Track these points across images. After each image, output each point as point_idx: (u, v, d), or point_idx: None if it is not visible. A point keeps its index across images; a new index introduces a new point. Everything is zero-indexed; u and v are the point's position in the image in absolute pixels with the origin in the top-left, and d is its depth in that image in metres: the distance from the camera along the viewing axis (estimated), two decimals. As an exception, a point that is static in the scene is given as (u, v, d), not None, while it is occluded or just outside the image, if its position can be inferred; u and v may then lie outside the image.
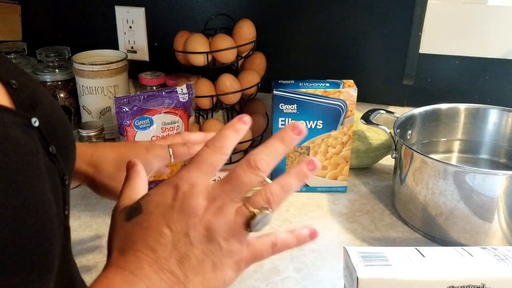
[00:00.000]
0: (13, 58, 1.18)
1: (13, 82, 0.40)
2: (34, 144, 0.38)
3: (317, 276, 0.71)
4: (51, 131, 0.42)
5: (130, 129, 0.86)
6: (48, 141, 0.41)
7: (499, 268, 0.55)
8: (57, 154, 0.42)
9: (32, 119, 0.39)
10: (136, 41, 1.20)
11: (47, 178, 0.39)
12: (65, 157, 0.45)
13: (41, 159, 0.39)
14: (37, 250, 0.36)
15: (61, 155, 0.43)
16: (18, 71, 0.44)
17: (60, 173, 0.43)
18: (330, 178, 0.91)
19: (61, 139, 0.44)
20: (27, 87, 0.41)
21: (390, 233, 0.80)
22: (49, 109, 0.43)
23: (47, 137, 0.41)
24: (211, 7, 1.12)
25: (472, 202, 0.72)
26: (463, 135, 0.91)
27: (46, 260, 0.37)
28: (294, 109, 0.86)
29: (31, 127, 0.39)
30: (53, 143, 0.42)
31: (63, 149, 0.44)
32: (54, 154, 0.42)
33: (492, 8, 0.97)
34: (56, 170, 0.42)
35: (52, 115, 0.44)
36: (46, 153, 0.41)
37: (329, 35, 1.08)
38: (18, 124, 0.37)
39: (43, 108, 0.42)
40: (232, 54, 0.95)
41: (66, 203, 0.45)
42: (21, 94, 0.40)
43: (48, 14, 1.27)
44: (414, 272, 0.55)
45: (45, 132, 0.41)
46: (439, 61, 1.04)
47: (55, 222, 0.39)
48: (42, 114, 0.41)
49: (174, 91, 0.90)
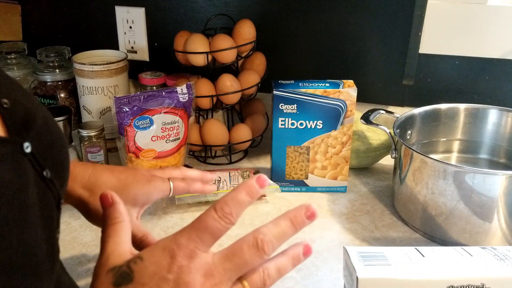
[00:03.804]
0: (13, 58, 1.18)
1: (5, 102, 0.36)
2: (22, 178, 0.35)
3: (317, 276, 0.71)
4: (45, 152, 0.39)
5: (130, 129, 0.86)
6: (42, 165, 0.38)
7: (498, 268, 0.56)
8: (52, 177, 0.39)
9: (24, 145, 0.35)
10: (136, 41, 1.20)
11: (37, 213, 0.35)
12: (61, 176, 0.42)
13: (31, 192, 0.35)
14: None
15: (57, 176, 0.40)
16: (10, 86, 0.40)
17: (56, 198, 0.40)
18: (330, 178, 0.91)
19: (56, 156, 0.41)
20: (20, 104, 0.38)
21: (390, 233, 0.80)
22: (43, 127, 0.40)
23: (41, 160, 0.37)
24: (211, 7, 1.12)
25: (472, 202, 0.72)
26: (462, 135, 0.91)
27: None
28: (294, 109, 0.86)
29: (23, 154, 0.35)
30: (48, 166, 0.38)
31: (59, 167, 0.41)
32: (49, 178, 0.39)
33: (492, 8, 0.97)
34: (52, 195, 0.39)
35: (46, 133, 0.40)
36: (41, 178, 0.37)
37: (329, 35, 1.08)
38: (6, 156, 0.34)
39: (37, 127, 0.39)
40: (232, 54, 0.95)
41: (58, 226, 0.42)
42: (14, 115, 0.36)
43: (48, 14, 1.27)
44: (414, 272, 0.55)
45: (38, 156, 0.37)
46: (439, 61, 1.04)
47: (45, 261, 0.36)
48: (36, 135, 0.38)
49: (174, 91, 0.90)
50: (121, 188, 0.61)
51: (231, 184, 0.87)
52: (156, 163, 0.89)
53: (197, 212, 0.86)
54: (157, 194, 0.64)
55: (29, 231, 0.34)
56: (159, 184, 0.64)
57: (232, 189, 0.44)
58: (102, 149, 0.93)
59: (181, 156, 0.93)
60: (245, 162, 1.03)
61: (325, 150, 0.89)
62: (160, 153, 0.89)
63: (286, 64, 1.13)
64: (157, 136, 0.88)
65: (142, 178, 0.64)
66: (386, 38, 1.04)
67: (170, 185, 0.65)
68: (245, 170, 0.90)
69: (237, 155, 1.05)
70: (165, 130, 0.88)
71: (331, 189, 0.91)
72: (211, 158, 1.03)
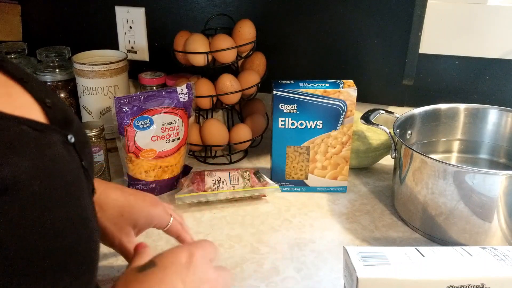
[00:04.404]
0: (13, 58, 1.18)
1: (48, 101, 0.41)
2: (75, 159, 0.41)
3: (317, 276, 0.71)
4: (82, 147, 0.44)
5: (130, 129, 0.86)
6: (81, 157, 0.43)
7: (498, 268, 0.56)
8: (88, 168, 0.45)
9: (68, 136, 0.41)
10: (136, 41, 1.20)
11: (87, 191, 0.41)
12: (92, 172, 0.48)
13: (82, 173, 0.42)
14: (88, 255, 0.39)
15: (90, 171, 0.46)
16: (49, 91, 0.46)
17: (91, 186, 0.46)
18: (330, 178, 0.91)
19: (89, 156, 0.47)
20: (59, 106, 0.43)
21: (390, 233, 0.80)
22: (80, 128, 0.46)
23: (80, 152, 0.43)
24: (211, 7, 1.12)
25: (472, 202, 0.72)
26: (462, 135, 0.91)
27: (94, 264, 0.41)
28: (294, 109, 0.86)
29: (69, 144, 0.41)
30: (85, 158, 0.44)
31: (91, 165, 0.47)
32: (86, 168, 0.44)
33: (492, 8, 0.97)
34: (89, 183, 0.44)
35: (82, 133, 0.46)
36: (81, 167, 0.43)
37: (329, 35, 1.08)
38: (59, 141, 0.39)
39: (75, 126, 0.44)
40: (232, 54, 0.95)
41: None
42: (55, 112, 0.42)
43: (48, 14, 1.27)
44: (414, 272, 0.55)
45: (78, 148, 0.43)
46: (439, 61, 1.04)
47: (97, 230, 0.42)
48: (75, 131, 0.43)
49: (174, 91, 0.90)
50: (127, 209, 0.64)
51: (231, 184, 0.87)
52: (156, 163, 0.89)
53: (197, 212, 0.86)
54: (157, 222, 0.67)
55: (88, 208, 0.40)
56: (162, 213, 0.67)
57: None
58: (102, 149, 0.93)
59: (181, 156, 0.93)
60: (245, 162, 1.03)
61: (325, 150, 0.89)
62: (160, 153, 0.89)
63: (286, 64, 1.13)
64: (157, 136, 0.88)
65: (149, 203, 0.67)
66: (386, 38, 1.04)
67: (170, 220, 0.67)
68: (245, 170, 0.90)
69: (237, 155, 1.05)
70: (165, 130, 0.88)
71: (331, 189, 0.91)
72: (211, 158, 1.03)
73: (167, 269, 0.47)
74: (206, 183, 0.87)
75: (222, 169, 0.95)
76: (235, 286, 0.69)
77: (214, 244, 0.54)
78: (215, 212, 0.86)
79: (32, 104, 0.40)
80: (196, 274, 0.48)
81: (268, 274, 0.71)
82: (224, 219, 0.84)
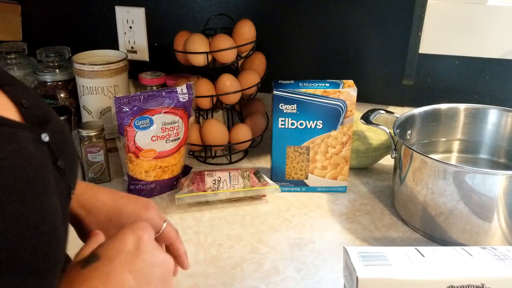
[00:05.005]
0: (13, 58, 1.18)
1: (24, 102, 0.41)
2: (43, 157, 0.40)
3: (317, 276, 0.71)
4: (60, 147, 0.43)
5: (130, 129, 0.86)
6: (56, 156, 0.42)
7: (498, 268, 0.56)
8: (65, 169, 0.43)
9: (42, 135, 0.41)
10: (136, 41, 1.20)
11: (54, 190, 0.40)
12: (72, 173, 0.46)
13: (50, 171, 0.40)
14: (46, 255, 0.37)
15: (68, 171, 0.44)
16: (28, 91, 0.45)
17: (67, 187, 0.44)
18: (330, 178, 0.91)
19: (68, 156, 0.45)
20: (37, 107, 0.43)
21: (390, 233, 0.80)
22: (58, 128, 0.45)
23: (56, 152, 0.42)
24: (211, 7, 1.12)
25: (471, 202, 0.72)
26: (462, 135, 0.91)
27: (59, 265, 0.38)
28: (294, 109, 0.86)
29: (41, 142, 0.40)
30: (62, 158, 0.43)
31: (70, 165, 0.45)
32: (62, 168, 0.43)
33: (492, 8, 0.97)
34: (64, 183, 0.43)
35: (61, 133, 0.45)
36: (55, 167, 0.42)
37: (329, 35, 1.08)
38: (29, 139, 0.39)
39: (53, 126, 0.43)
40: (232, 54, 0.95)
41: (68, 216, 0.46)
42: (32, 112, 0.41)
43: (48, 14, 1.27)
44: (414, 272, 0.55)
45: (54, 147, 0.42)
46: (439, 61, 1.04)
47: (61, 231, 0.40)
48: (52, 130, 0.43)
49: (174, 91, 0.90)
50: (116, 214, 0.61)
51: (231, 184, 0.87)
52: (156, 163, 0.89)
53: (197, 212, 0.86)
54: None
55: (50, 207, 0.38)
56: (154, 218, 0.62)
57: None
58: (102, 149, 0.93)
59: (181, 156, 0.93)
60: (245, 162, 1.03)
61: (325, 150, 0.89)
62: (160, 153, 0.89)
63: (286, 64, 1.13)
64: (157, 136, 0.88)
65: (141, 206, 0.63)
66: (386, 38, 1.04)
67: (163, 225, 0.63)
68: (245, 170, 0.90)
69: (237, 155, 1.05)
70: (165, 130, 0.88)
71: (331, 189, 0.91)
72: (211, 158, 1.03)
73: (112, 261, 0.43)
74: (206, 183, 0.87)
75: (222, 169, 0.95)
76: (235, 286, 0.69)
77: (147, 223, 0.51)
78: (215, 212, 0.86)
79: (7, 105, 0.40)
80: (146, 260, 0.45)
81: (268, 274, 0.71)
82: (224, 219, 0.84)
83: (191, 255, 0.75)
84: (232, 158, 1.04)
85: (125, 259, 0.44)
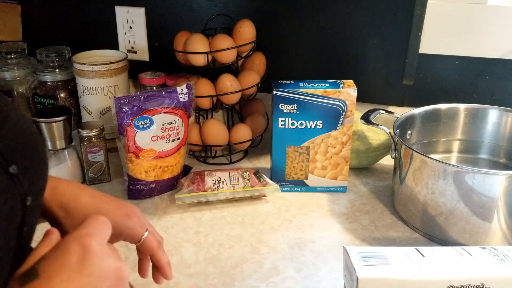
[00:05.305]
0: (13, 58, 1.18)
1: None
2: None
3: (317, 276, 0.71)
4: (14, 151, 0.40)
5: (130, 129, 0.86)
6: (8, 161, 0.39)
7: (498, 268, 0.56)
8: (19, 174, 0.40)
9: None
10: (136, 41, 1.20)
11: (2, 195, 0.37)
12: (31, 178, 0.43)
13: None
14: None
15: (25, 176, 0.41)
16: None
17: (22, 194, 0.41)
18: (330, 178, 0.91)
19: (28, 159, 0.42)
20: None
21: (390, 233, 0.80)
22: (14, 130, 0.41)
23: (8, 157, 0.39)
24: (211, 7, 1.12)
25: (471, 202, 0.72)
26: (462, 135, 0.91)
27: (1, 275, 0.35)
28: (294, 109, 0.86)
29: None
30: (15, 163, 0.40)
31: (29, 169, 0.42)
32: (15, 174, 0.40)
33: (492, 8, 0.97)
34: (16, 190, 0.40)
35: (17, 134, 0.42)
36: (5, 173, 0.39)
37: (329, 35, 1.08)
38: None
39: (7, 128, 0.40)
40: (232, 54, 0.95)
41: (25, 224, 0.42)
42: None
43: (48, 14, 1.27)
44: (414, 272, 0.55)
45: (5, 152, 0.39)
46: (439, 61, 1.04)
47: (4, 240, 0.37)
48: (5, 134, 0.39)
49: (174, 91, 0.90)
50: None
51: (231, 184, 0.87)
52: (156, 163, 0.89)
53: (197, 212, 0.86)
54: (127, 235, 0.60)
55: None
56: (134, 226, 0.59)
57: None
58: (102, 149, 0.93)
59: (181, 156, 0.93)
60: (245, 162, 1.03)
61: (325, 150, 0.89)
62: (160, 153, 0.89)
63: (286, 64, 1.13)
64: (157, 136, 0.88)
65: (123, 212, 0.60)
66: (386, 38, 1.04)
67: (144, 234, 0.60)
68: (245, 170, 0.90)
69: (237, 155, 1.05)
70: (165, 130, 0.88)
71: (331, 189, 0.91)
72: (211, 158, 1.03)
73: (52, 280, 0.39)
74: (206, 183, 0.87)
75: (222, 169, 0.95)
76: (235, 286, 0.69)
77: (105, 220, 0.45)
78: (215, 212, 0.86)
79: None
80: (93, 274, 0.40)
81: (268, 274, 0.71)
82: (224, 219, 0.84)
83: (191, 255, 0.75)
84: (232, 158, 1.04)
85: (67, 277, 0.39)
